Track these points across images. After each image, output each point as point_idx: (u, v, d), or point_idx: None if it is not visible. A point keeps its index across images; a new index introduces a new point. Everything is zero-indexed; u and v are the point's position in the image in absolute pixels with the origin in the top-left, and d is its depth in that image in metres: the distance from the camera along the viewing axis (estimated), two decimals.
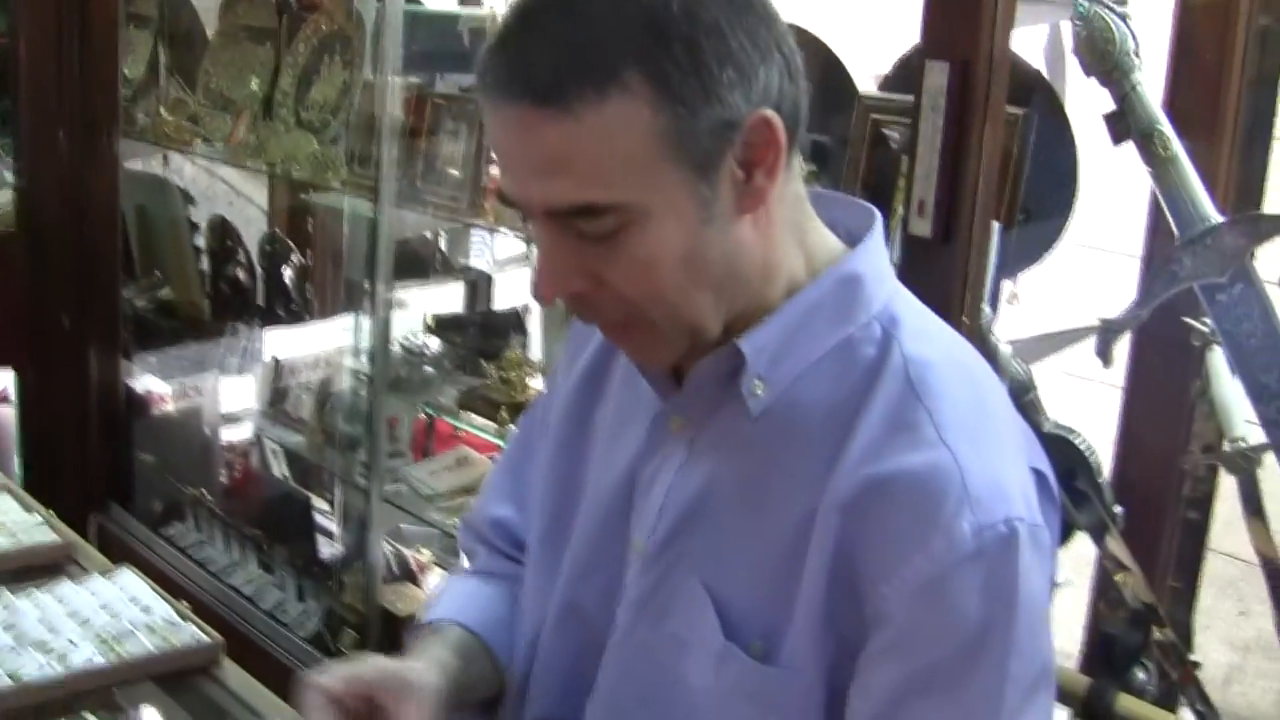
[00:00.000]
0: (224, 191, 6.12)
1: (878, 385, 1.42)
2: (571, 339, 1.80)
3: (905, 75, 2.68)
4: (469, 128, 3.44)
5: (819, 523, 1.40)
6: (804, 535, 1.41)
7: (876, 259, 1.52)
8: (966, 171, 2.14)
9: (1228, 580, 4.54)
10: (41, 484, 4.46)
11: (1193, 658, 2.42)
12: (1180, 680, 2.38)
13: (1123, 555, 2.34)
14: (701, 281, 1.40)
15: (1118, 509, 2.34)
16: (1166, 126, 2.18)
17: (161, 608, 2.41)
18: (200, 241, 4.85)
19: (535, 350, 3.75)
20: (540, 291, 1.43)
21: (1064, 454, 2.30)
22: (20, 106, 4.42)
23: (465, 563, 1.98)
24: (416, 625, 1.81)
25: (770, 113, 1.36)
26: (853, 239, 1.53)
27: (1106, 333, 2.28)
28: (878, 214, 1.56)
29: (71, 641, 2.25)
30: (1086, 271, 3.47)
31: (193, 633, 2.34)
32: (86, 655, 2.21)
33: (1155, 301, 2.26)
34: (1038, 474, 1.47)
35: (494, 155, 1.42)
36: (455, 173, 3.45)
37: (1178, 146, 2.18)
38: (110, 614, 2.37)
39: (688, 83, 1.32)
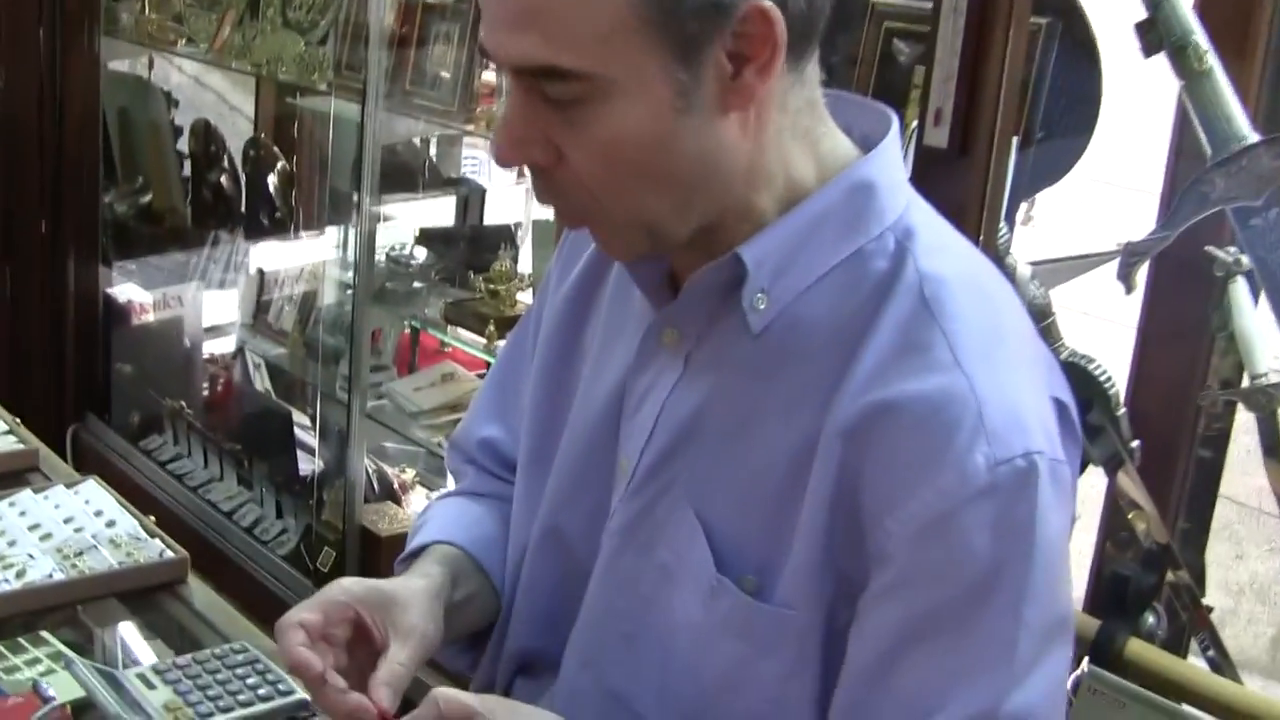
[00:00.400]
0: (212, 101, 5.99)
1: (889, 302, 1.32)
2: (563, 250, 1.69)
3: None
4: (461, 30, 3.31)
5: (820, 450, 1.30)
6: (804, 463, 1.32)
7: (892, 166, 1.40)
8: (987, 79, 2.02)
9: (1224, 523, 4.46)
10: (16, 393, 4.40)
11: (1205, 601, 2.32)
12: (1193, 624, 2.28)
13: (1137, 493, 2.23)
14: (666, 175, 1.31)
15: (1134, 443, 2.23)
16: (1202, 37, 2.05)
17: (127, 521, 2.31)
18: (184, 146, 4.73)
19: (526, 264, 3.63)
20: (497, 152, 1.34)
21: (1080, 384, 2.18)
22: None
23: (452, 484, 1.90)
24: (401, 556, 1.72)
25: (768, 4, 1.25)
26: (868, 145, 1.42)
27: (1130, 256, 2.15)
28: (894, 116, 1.44)
29: (30, 555, 2.15)
30: (1099, 205, 3.36)
31: (158, 548, 2.23)
32: (45, 570, 2.12)
33: (1183, 224, 2.13)
34: (1059, 404, 1.36)
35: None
36: (446, 75, 3.32)
37: (1213, 59, 2.05)
38: (73, 528, 2.27)
39: None
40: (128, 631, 2.06)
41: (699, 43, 1.25)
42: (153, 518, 2.33)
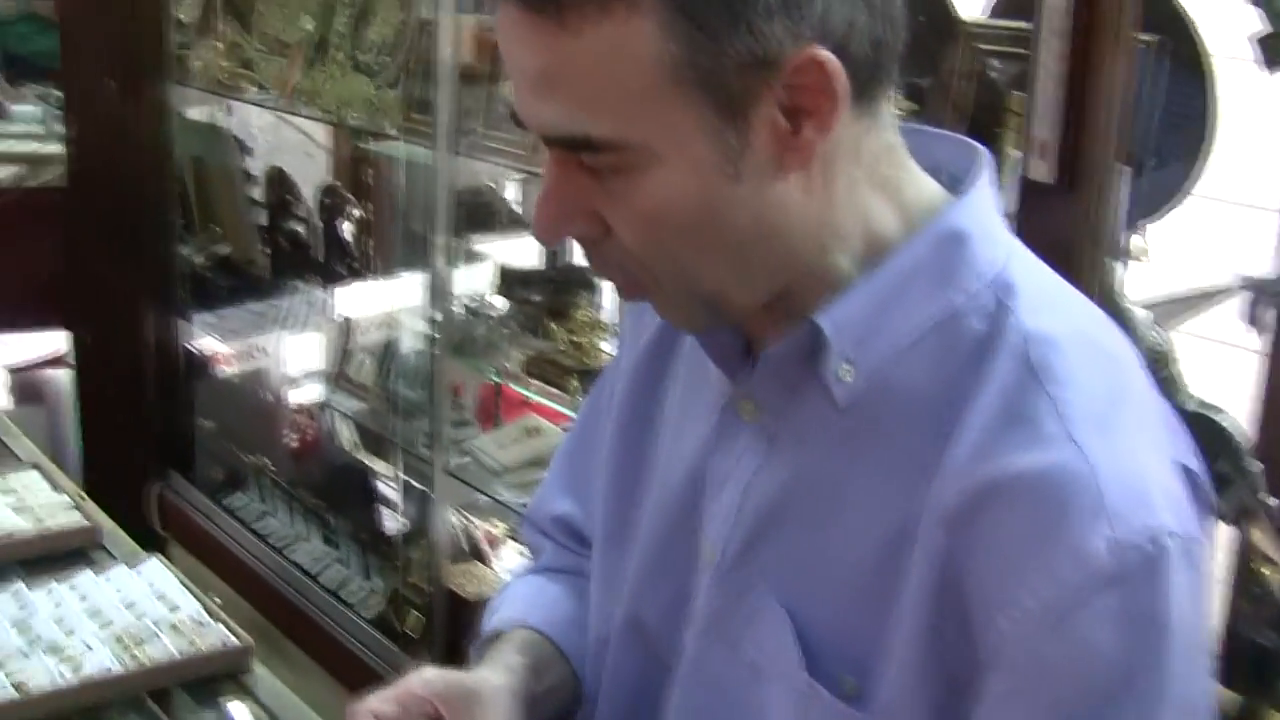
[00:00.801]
0: (298, 141, 5.91)
1: (989, 368, 1.18)
2: (632, 305, 1.57)
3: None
4: None
5: (921, 537, 1.17)
6: (901, 551, 1.19)
7: (986, 211, 1.26)
8: (1094, 106, 1.86)
9: None
10: (99, 451, 4.35)
11: None
12: None
13: (1270, 547, 2.05)
14: (720, 245, 1.18)
15: (1272, 501, 2.05)
16: None
17: (190, 605, 2.20)
18: (257, 194, 4.63)
19: (609, 310, 3.49)
20: (537, 228, 1.22)
21: (1207, 436, 2.01)
22: (66, 54, 4.24)
23: (529, 559, 1.79)
24: (477, 639, 1.62)
25: (823, 53, 1.11)
26: (958, 186, 1.28)
27: (1260, 295, 1.98)
28: (986, 154, 1.29)
29: (87, 645, 2.05)
30: (1211, 226, 3.17)
31: (222, 634, 2.11)
32: (102, 661, 2.01)
33: None
34: (1186, 471, 1.20)
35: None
36: None
37: None
38: (134, 613, 2.16)
39: (711, 4, 1.09)
40: None
41: (746, 101, 1.12)
42: (218, 599, 2.22)
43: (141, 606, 2.18)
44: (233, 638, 2.10)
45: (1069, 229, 1.88)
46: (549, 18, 1.10)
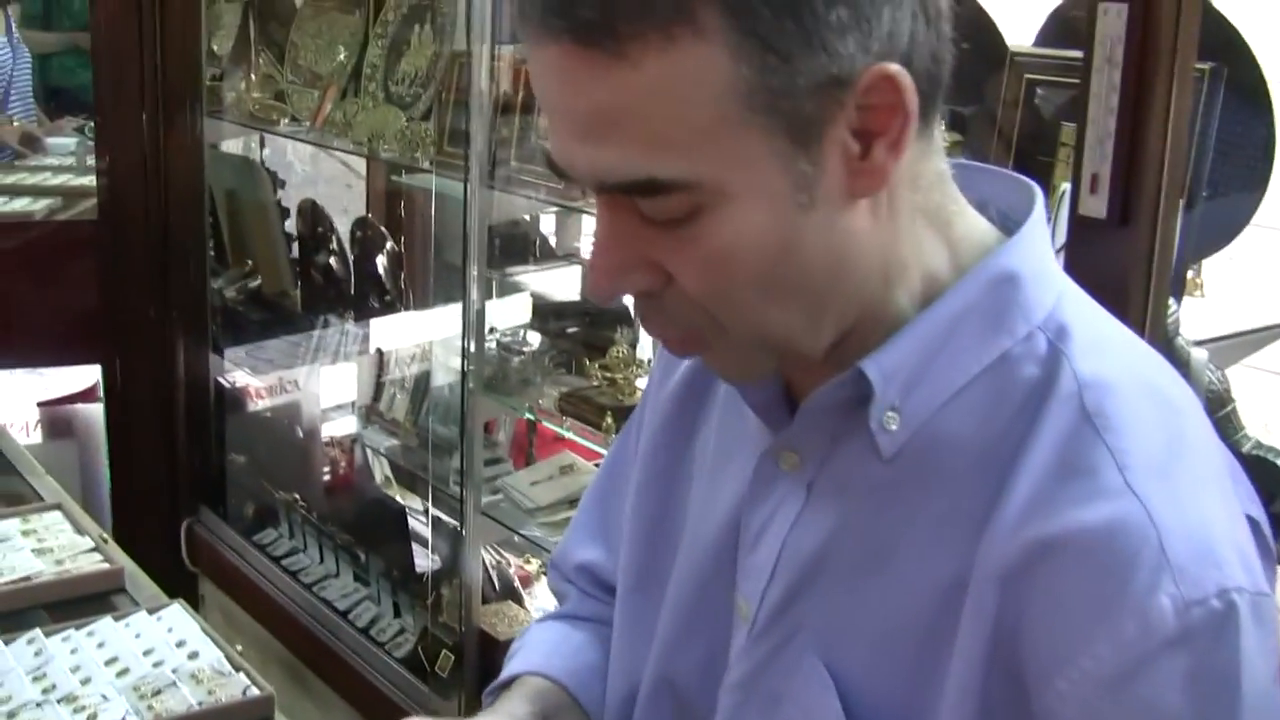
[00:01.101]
0: (339, 172, 5.88)
1: (1044, 416, 1.12)
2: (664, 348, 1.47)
3: (1064, 27, 2.33)
4: None
5: (972, 595, 1.10)
6: (951, 608, 1.12)
7: (1039, 251, 1.19)
8: (1149, 139, 1.78)
9: None
10: (130, 486, 4.32)
11: None
12: None
13: None
14: (794, 284, 1.10)
15: None
16: None
17: (211, 653, 2.13)
18: (291, 227, 4.58)
19: (645, 348, 3.42)
20: (594, 287, 1.13)
21: (1266, 478, 1.93)
22: (99, 86, 4.20)
23: (555, 605, 1.72)
24: (492, 685, 1.55)
25: (895, 68, 1.04)
26: (1007, 223, 1.21)
27: None
28: (1038, 191, 1.22)
29: (103, 695, 1.99)
30: (1267, 255, 3.09)
31: (243, 684, 2.05)
32: (119, 713, 1.95)
33: None
34: (1252, 522, 1.14)
35: (540, 105, 1.12)
36: None
37: None
38: (153, 661, 2.10)
39: (782, 24, 1.00)
40: None
41: (819, 124, 1.04)
42: (239, 647, 2.15)
43: (161, 654, 2.12)
44: (254, 688, 2.03)
45: (1123, 266, 1.79)
46: (603, 50, 1.01)
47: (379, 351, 4.15)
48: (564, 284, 3.98)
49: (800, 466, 1.23)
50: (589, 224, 4.08)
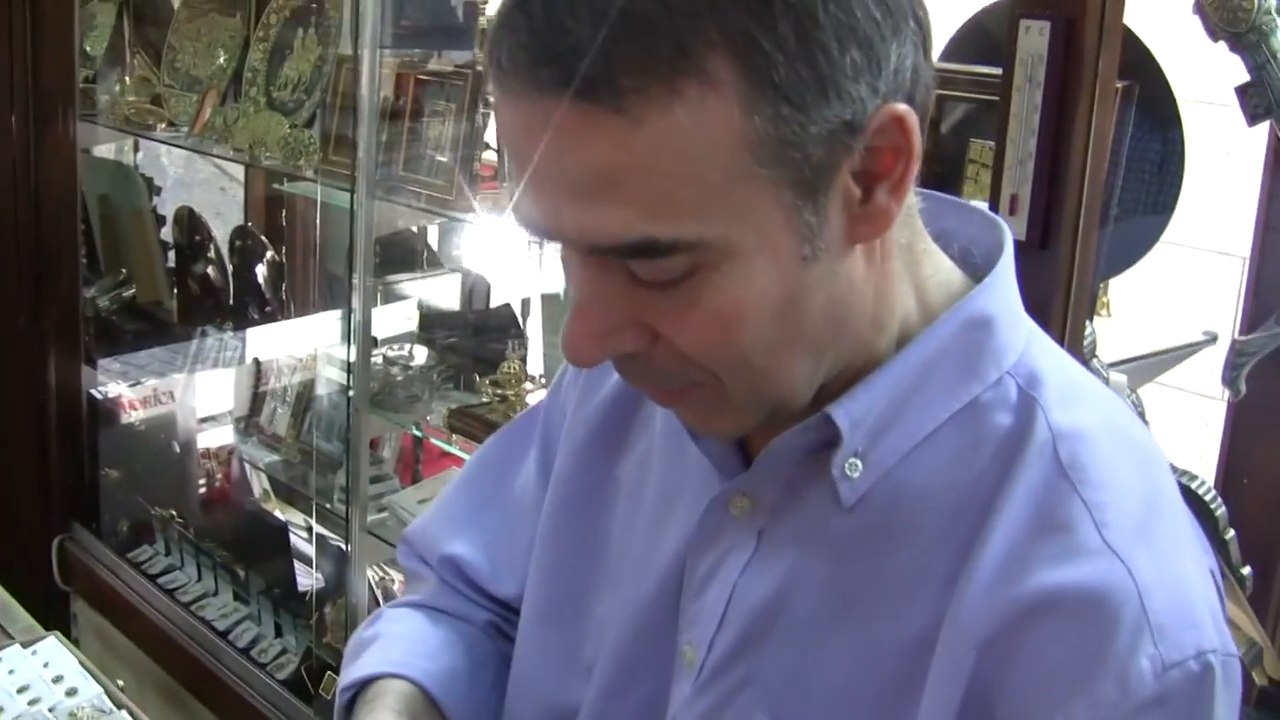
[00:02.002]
0: (211, 175, 5.76)
1: (1018, 468, 1.07)
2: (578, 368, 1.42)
3: (971, 43, 2.29)
4: (459, 108, 3.04)
5: (942, 654, 1.05)
6: (916, 666, 1.08)
7: (1010, 292, 1.15)
8: (1071, 158, 1.74)
9: None
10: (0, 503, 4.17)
11: None
12: None
13: (1249, 626, 1.95)
14: (799, 339, 1.04)
15: (1245, 570, 1.95)
16: None
17: (90, 689, 2.04)
18: (167, 235, 4.46)
19: (535, 359, 3.35)
20: (575, 352, 1.05)
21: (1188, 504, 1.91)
22: None
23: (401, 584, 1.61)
24: (346, 683, 1.43)
25: (903, 108, 0.99)
26: (970, 259, 1.17)
27: (1238, 357, 1.88)
28: (1008, 231, 1.18)
29: None
30: (1171, 273, 3.09)
31: None
32: None
33: None
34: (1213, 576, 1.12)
35: (509, 161, 1.04)
36: (443, 159, 3.04)
37: None
38: (28, 699, 2.00)
39: (796, 70, 0.94)
40: None
41: (825, 171, 0.98)
42: (120, 682, 2.06)
43: (36, 691, 2.02)
44: None
45: (1044, 290, 1.75)
46: (602, 106, 0.93)
47: (256, 363, 4.05)
48: (448, 293, 3.91)
49: (751, 512, 1.18)
50: (472, 233, 4.01)
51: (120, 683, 2.06)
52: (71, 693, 2.02)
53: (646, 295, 1.01)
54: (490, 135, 3.08)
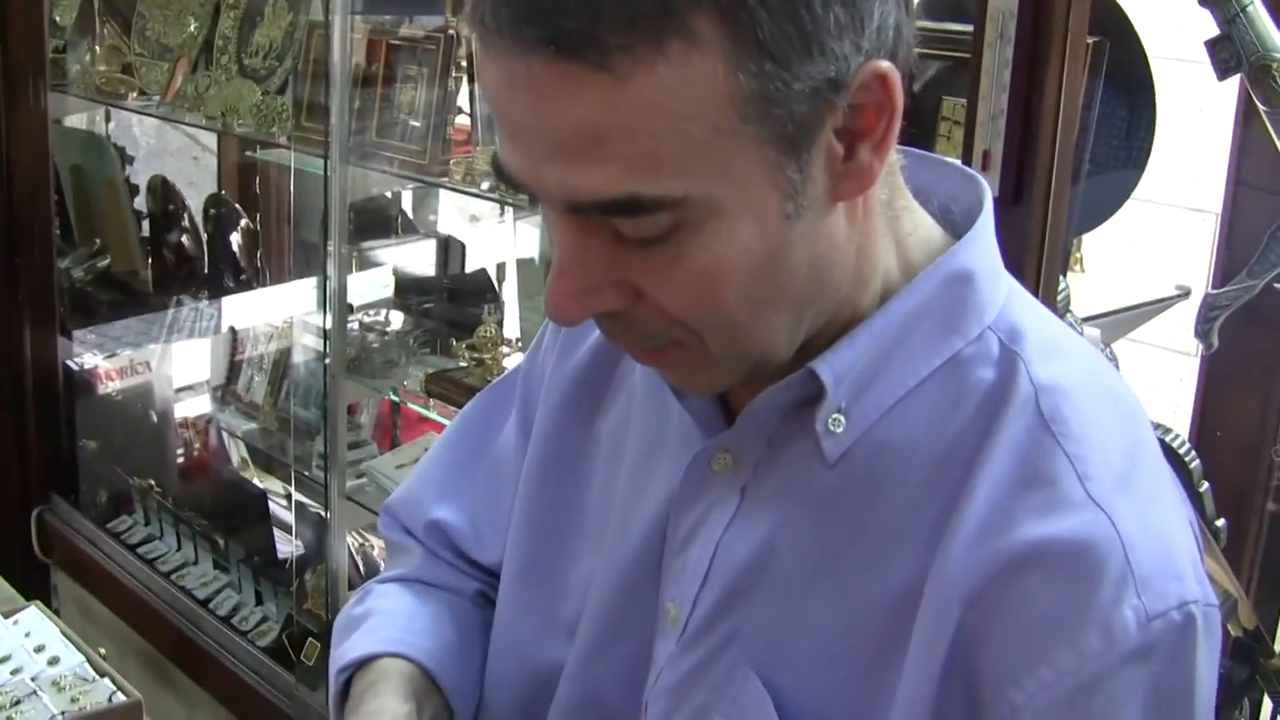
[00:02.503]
0: (183, 145, 5.73)
1: (1001, 422, 1.08)
2: (555, 326, 1.43)
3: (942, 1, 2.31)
4: (431, 72, 3.03)
5: (927, 608, 1.06)
6: (902, 619, 1.08)
7: (990, 248, 1.16)
8: (1042, 114, 1.75)
9: None
10: None
11: None
12: None
13: (1223, 577, 1.96)
14: (781, 296, 1.05)
15: (1220, 522, 1.96)
16: None
17: (72, 658, 2.04)
18: (141, 204, 4.45)
19: (512, 323, 3.35)
20: (557, 311, 1.05)
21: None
22: None
23: (386, 555, 1.65)
24: (343, 663, 1.42)
25: (887, 65, 0.99)
26: (949, 217, 1.17)
27: (1210, 310, 1.89)
28: (987, 187, 1.18)
29: None
30: (1144, 230, 3.10)
31: (108, 690, 1.95)
32: None
33: (1271, 272, 1.88)
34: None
35: (493, 116, 1.04)
36: (417, 124, 3.04)
37: None
38: (10, 668, 2.00)
39: (781, 27, 0.94)
40: None
41: (809, 128, 0.99)
42: (102, 651, 2.06)
43: (18, 660, 2.02)
44: (120, 694, 1.95)
45: (1016, 244, 1.76)
46: (586, 64, 0.92)
47: (232, 331, 4.04)
48: (423, 259, 3.90)
49: (734, 469, 1.18)
50: (447, 199, 4.01)
51: (102, 651, 2.06)
52: (54, 661, 2.02)
53: (629, 253, 1.01)
54: (463, 100, 3.08)
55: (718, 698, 1.17)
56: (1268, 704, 2.09)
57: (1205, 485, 1.96)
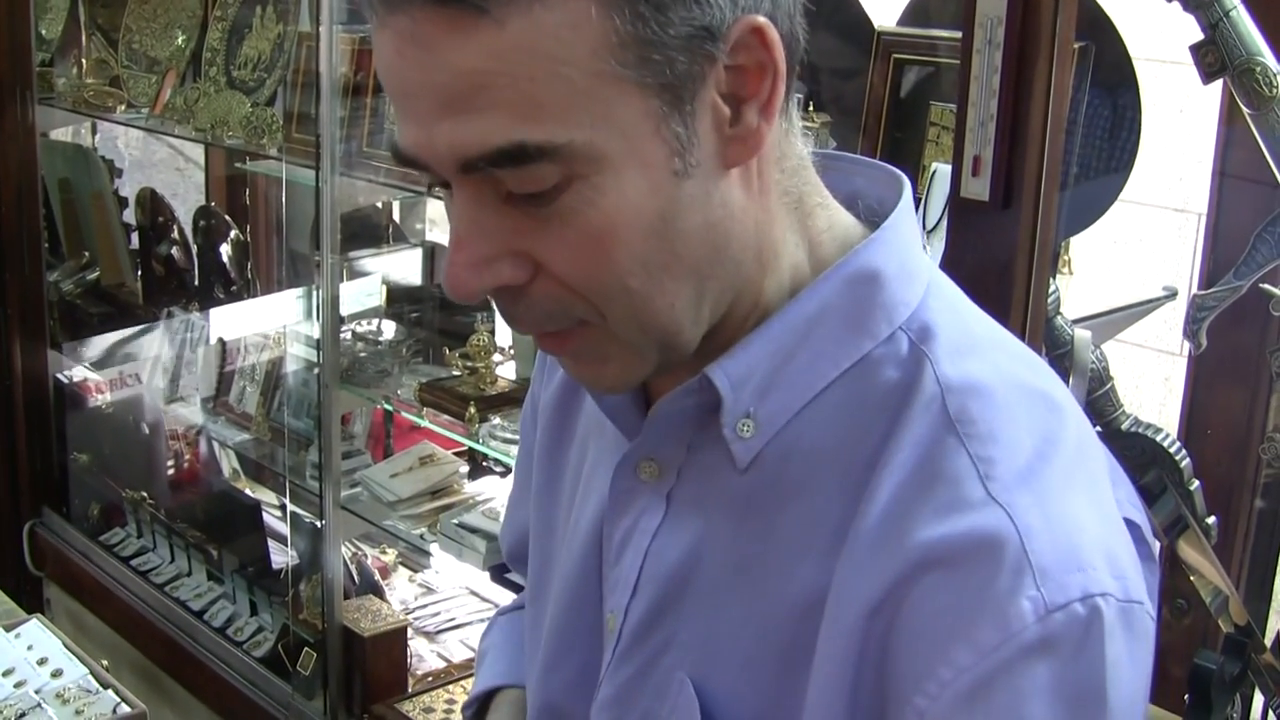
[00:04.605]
0: (167, 157, 5.74)
1: (903, 422, 1.06)
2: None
3: (923, 11, 2.33)
4: None
5: (830, 615, 1.04)
6: (807, 627, 1.06)
7: (903, 246, 1.13)
8: (1031, 119, 1.76)
9: None
10: None
11: None
12: None
13: (1214, 574, 1.98)
14: (677, 262, 1.04)
15: (1210, 519, 1.98)
16: (1271, 59, 1.81)
17: (75, 670, 2.05)
18: (130, 218, 4.45)
19: (503, 331, 3.36)
20: (453, 283, 1.04)
21: (1146, 456, 1.94)
22: None
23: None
24: (469, 698, 1.50)
25: (763, 19, 1.00)
26: (875, 219, 1.15)
27: (1198, 310, 1.90)
28: (906, 181, 1.17)
29: None
30: (1129, 230, 3.12)
31: (112, 702, 1.96)
32: None
33: (1259, 271, 1.89)
34: (1132, 526, 1.09)
35: (392, 103, 1.05)
36: None
37: None
38: (14, 681, 2.01)
39: None
40: None
41: (690, 82, 0.99)
42: (105, 663, 2.07)
43: (22, 673, 2.03)
44: (124, 705, 1.96)
45: (1006, 248, 1.77)
46: (463, 8, 0.94)
47: (221, 342, 4.04)
48: (413, 268, 3.91)
49: (659, 476, 1.17)
50: (435, 207, 4.01)
51: (105, 663, 2.07)
52: (57, 674, 2.03)
53: (524, 221, 1.01)
54: None
55: (657, 706, 1.17)
56: (1259, 699, 2.10)
57: (1195, 484, 1.98)
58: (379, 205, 3.81)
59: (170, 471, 4.28)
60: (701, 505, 1.15)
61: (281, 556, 3.71)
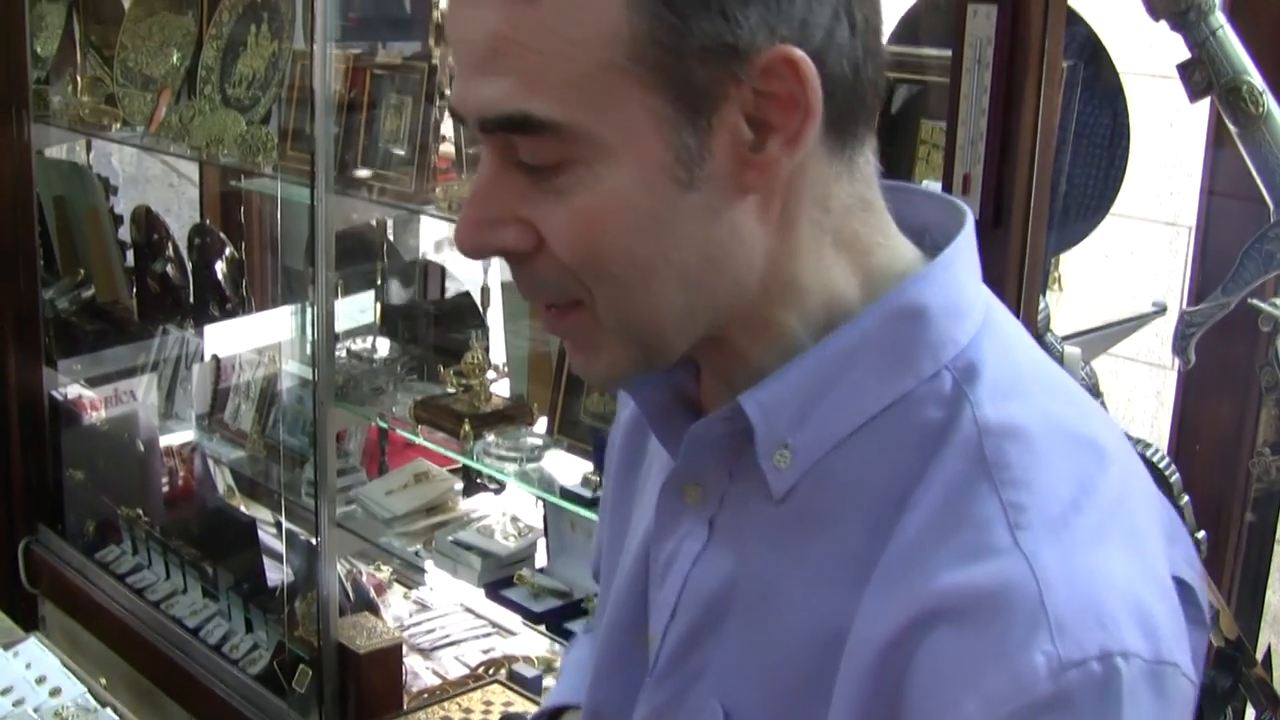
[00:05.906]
0: (161, 173, 5.74)
1: (936, 463, 1.04)
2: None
3: (913, 29, 2.34)
4: (414, 100, 3.06)
5: (850, 651, 1.03)
6: (828, 659, 1.05)
7: (954, 282, 1.10)
8: (1020, 137, 1.78)
9: None
10: None
11: None
12: None
13: (1205, 588, 1.98)
14: (666, 264, 1.04)
15: (1200, 534, 1.99)
16: (1257, 78, 1.82)
17: (73, 688, 2.05)
18: (126, 235, 4.46)
19: (498, 348, 3.37)
20: (461, 235, 1.08)
21: None
22: None
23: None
24: (537, 714, 1.53)
25: (798, 53, 0.99)
26: (939, 253, 1.12)
27: (1187, 326, 1.92)
28: (968, 213, 1.15)
29: None
30: (1117, 244, 3.13)
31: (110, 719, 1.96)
32: None
33: (1246, 287, 1.90)
34: (1181, 586, 1.05)
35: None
36: (400, 152, 3.06)
37: (1272, 102, 1.82)
38: (12, 700, 2.02)
39: None
40: None
41: (709, 97, 1.00)
42: (103, 681, 2.08)
43: (20, 692, 2.04)
44: None
45: (997, 267, 1.79)
46: None
47: (216, 359, 4.05)
48: (406, 286, 3.92)
49: (703, 501, 1.16)
50: (429, 226, 4.03)
51: (103, 681, 2.08)
52: (55, 692, 2.04)
53: (530, 191, 1.04)
54: (447, 128, 3.11)
55: None
56: (1250, 713, 2.11)
57: (1185, 499, 1.99)
58: (373, 223, 3.81)
59: (165, 488, 4.27)
60: (739, 533, 1.14)
61: (277, 573, 3.71)
